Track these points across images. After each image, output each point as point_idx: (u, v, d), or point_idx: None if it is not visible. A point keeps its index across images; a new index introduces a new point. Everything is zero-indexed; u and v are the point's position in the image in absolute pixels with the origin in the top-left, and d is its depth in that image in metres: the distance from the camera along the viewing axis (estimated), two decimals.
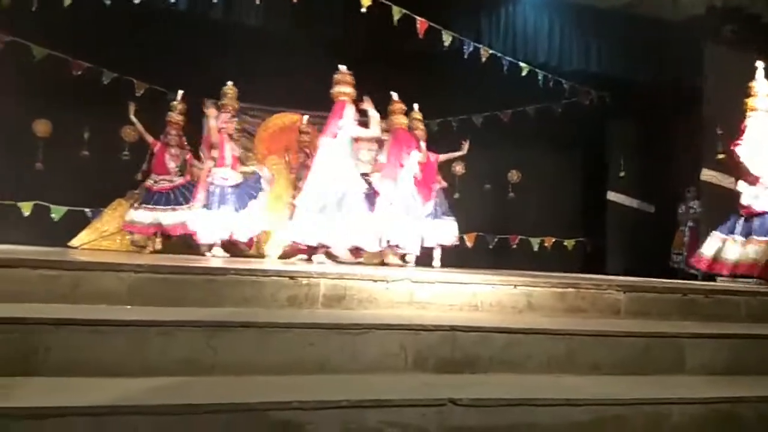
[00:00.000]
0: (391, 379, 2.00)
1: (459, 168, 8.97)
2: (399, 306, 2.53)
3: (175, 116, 6.45)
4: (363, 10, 5.81)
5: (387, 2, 5.94)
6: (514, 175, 9.62)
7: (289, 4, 5.88)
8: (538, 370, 2.23)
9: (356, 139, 5.14)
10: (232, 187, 5.56)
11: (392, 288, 2.57)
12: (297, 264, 4.51)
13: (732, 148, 4.78)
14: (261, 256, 6.38)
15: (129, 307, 2.14)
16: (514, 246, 9.34)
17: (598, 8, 7.92)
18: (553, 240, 9.47)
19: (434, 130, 8.16)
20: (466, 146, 7.06)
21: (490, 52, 7.15)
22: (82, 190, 7.18)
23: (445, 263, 6.57)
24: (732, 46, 6.96)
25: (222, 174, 5.55)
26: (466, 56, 6.92)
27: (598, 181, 9.29)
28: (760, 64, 4.88)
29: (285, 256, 5.90)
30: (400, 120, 5.81)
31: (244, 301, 2.35)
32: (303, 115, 7.36)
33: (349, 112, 4.90)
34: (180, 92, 6.42)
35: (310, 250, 4.85)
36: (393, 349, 2.13)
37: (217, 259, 4.81)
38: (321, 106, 7.79)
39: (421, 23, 6.32)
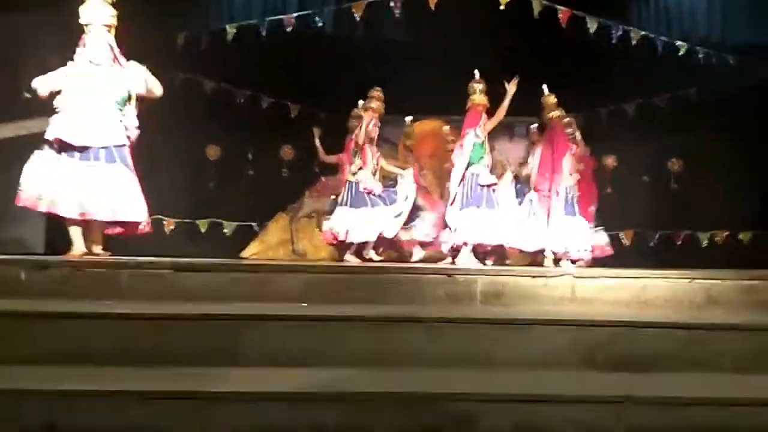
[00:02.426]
0: (560, 376, 1.96)
1: (610, 161, 8.44)
2: (560, 302, 2.47)
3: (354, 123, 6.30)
4: (501, 7, 5.75)
5: None
6: (675, 165, 8.82)
7: (428, 13, 5.99)
8: (726, 369, 2.04)
9: None
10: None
11: (552, 284, 2.52)
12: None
13: None
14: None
15: (305, 304, 2.33)
16: (679, 243, 8.54)
17: None
18: (726, 234, 8.49)
19: (581, 122, 7.77)
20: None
21: (641, 33, 6.66)
22: (248, 206, 7.90)
23: (598, 264, 6.22)
24: None
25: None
26: (614, 41, 6.52)
27: None
28: None
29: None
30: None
31: (406, 298, 2.44)
32: (445, 123, 7.41)
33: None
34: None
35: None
36: (561, 345, 2.08)
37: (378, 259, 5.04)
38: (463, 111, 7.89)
39: (563, 12, 6.09)
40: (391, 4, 6.05)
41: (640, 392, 1.76)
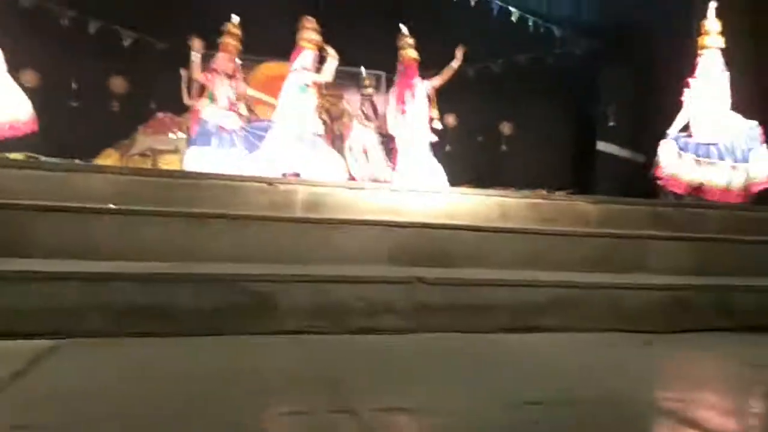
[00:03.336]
0: (364, 268, 2.11)
1: (450, 120, 8.98)
2: (377, 213, 2.63)
3: (229, 40, 5.59)
4: None
5: None
6: (505, 128, 9.65)
7: None
8: (507, 266, 2.34)
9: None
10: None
11: (370, 196, 2.67)
12: None
13: (687, 81, 4.94)
14: None
15: (113, 206, 2.22)
16: None
17: None
18: (543, 192, 9.51)
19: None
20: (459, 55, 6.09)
21: None
22: (71, 140, 7.19)
23: None
24: None
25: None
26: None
27: (589, 132, 9.32)
28: (712, 4, 4.94)
29: None
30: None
31: (224, 204, 2.43)
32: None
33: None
34: (235, 17, 5.73)
35: None
36: (369, 244, 2.23)
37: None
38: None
39: None
40: None
41: (428, 276, 1.96)
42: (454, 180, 8.36)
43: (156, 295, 1.69)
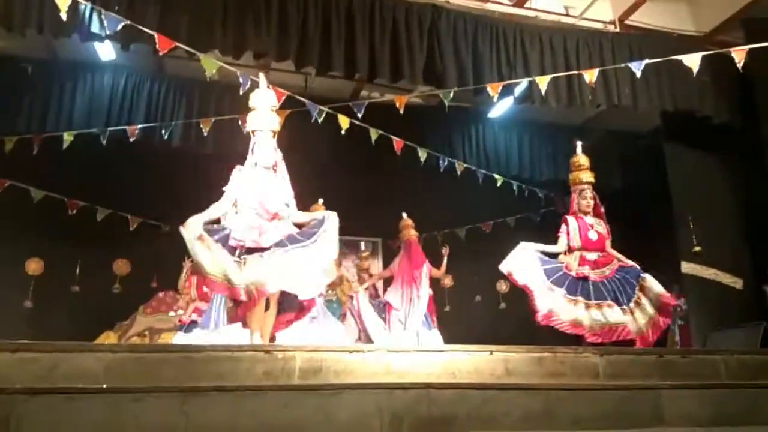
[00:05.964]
0: None
1: (447, 281, 9.06)
2: (376, 376, 2.54)
3: None
4: (342, 132, 6.26)
5: (364, 125, 6.41)
6: (502, 285, 9.69)
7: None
8: (517, 426, 2.21)
9: None
10: None
11: (369, 358, 2.60)
12: None
13: (564, 217, 4.96)
14: None
15: (105, 386, 2.15)
16: None
17: (561, 124, 8.61)
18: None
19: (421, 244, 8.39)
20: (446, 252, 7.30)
21: (465, 165, 7.60)
22: (70, 324, 7.16)
23: None
24: (689, 146, 7.49)
25: None
26: (441, 170, 7.34)
27: None
28: (579, 144, 5.13)
29: None
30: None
31: (220, 377, 2.36)
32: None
33: None
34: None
35: None
36: (369, 410, 2.13)
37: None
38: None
39: (398, 142, 6.77)
40: (239, 121, 6.28)
41: None
42: (455, 340, 8.23)
43: None
